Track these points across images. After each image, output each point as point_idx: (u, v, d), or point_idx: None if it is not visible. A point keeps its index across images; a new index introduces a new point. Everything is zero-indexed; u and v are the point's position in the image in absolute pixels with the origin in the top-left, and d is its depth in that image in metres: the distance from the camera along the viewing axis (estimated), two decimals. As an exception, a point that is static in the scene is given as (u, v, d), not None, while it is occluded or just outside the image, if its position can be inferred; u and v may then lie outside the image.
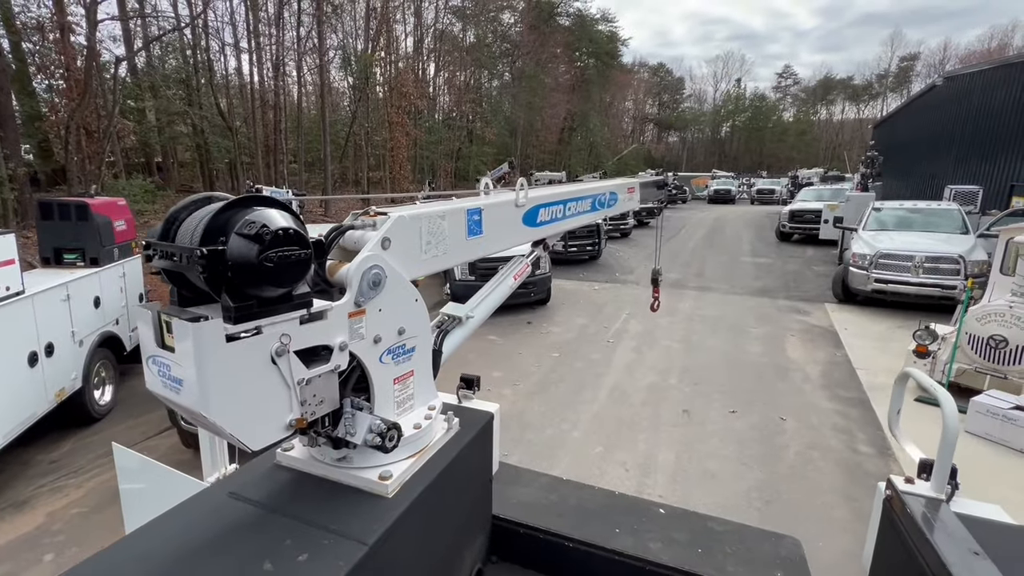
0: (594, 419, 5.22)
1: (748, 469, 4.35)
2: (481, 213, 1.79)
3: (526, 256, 2.37)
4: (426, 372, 1.56)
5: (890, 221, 10.04)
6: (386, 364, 1.38)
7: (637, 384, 6.06)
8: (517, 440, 4.80)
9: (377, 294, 1.31)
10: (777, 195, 31.61)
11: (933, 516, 1.23)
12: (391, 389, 1.41)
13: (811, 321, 8.45)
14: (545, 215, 2.29)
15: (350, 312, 1.24)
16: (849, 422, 5.11)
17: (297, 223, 1.05)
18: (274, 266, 0.95)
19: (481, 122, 35.21)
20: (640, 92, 68.58)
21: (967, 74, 17.47)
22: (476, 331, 2.04)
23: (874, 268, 8.49)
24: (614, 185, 3.19)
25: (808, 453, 4.58)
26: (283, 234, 0.96)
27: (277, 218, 0.99)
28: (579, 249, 13.10)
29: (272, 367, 1.03)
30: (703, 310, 9.17)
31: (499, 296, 2.10)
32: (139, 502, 1.70)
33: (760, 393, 5.79)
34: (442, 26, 32.48)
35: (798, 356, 6.92)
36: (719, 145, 71.31)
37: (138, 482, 1.68)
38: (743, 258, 14.36)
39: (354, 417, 1.26)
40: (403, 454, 1.40)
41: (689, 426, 5.08)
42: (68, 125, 11.72)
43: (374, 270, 1.28)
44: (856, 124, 65.32)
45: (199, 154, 21.17)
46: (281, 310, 1.03)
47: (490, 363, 6.68)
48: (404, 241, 1.45)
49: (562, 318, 8.74)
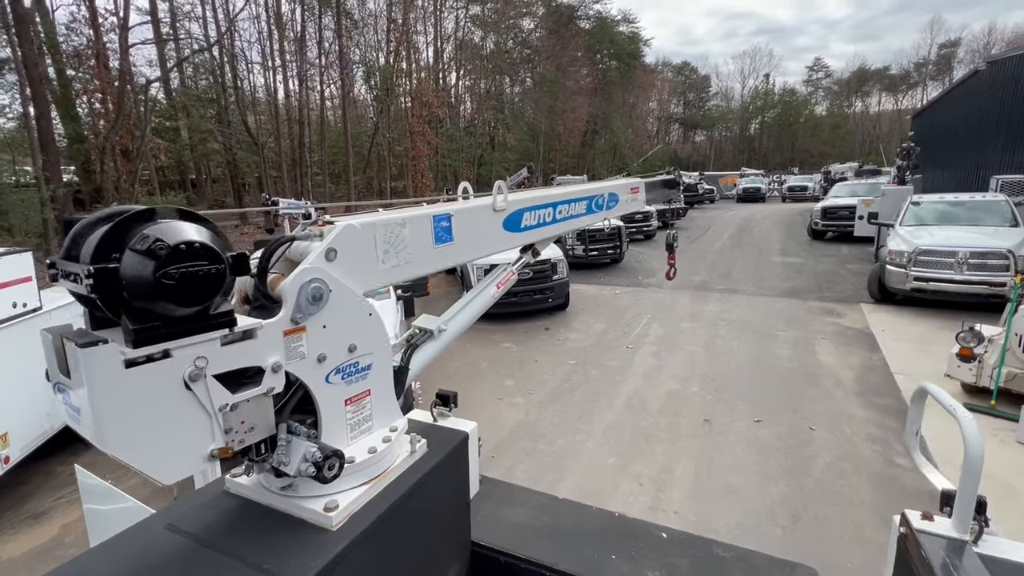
0: (609, 429, 5.03)
1: (773, 483, 4.08)
2: (451, 219, 1.68)
3: (512, 263, 2.25)
4: (386, 391, 1.45)
5: (930, 216, 9.47)
6: (334, 384, 1.28)
7: (656, 392, 5.82)
8: (528, 451, 4.65)
9: (319, 309, 1.21)
10: (810, 192, 30.55)
11: (954, 562, 1.04)
12: (342, 411, 1.31)
13: (845, 323, 8.01)
14: (530, 219, 2.16)
15: (286, 330, 1.14)
16: (885, 432, 4.77)
17: (210, 235, 0.96)
18: (176, 283, 0.86)
19: (503, 128, 35.30)
20: (664, 92, 67.63)
21: (1014, 57, 16.46)
22: (491, 339, 1.93)
23: (913, 266, 7.99)
24: (614, 186, 3.03)
25: (839, 466, 4.27)
26: (185, 248, 0.87)
27: (180, 231, 0.90)
28: (600, 252, 12.86)
29: (186, 393, 0.94)
30: (729, 313, 8.82)
31: (478, 307, 1.97)
32: (103, 525, 1.66)
33: (788, 401, 5.47)
34: (463, 34, 32.81)
35: (830, 360, 6.54)
36: (748, 142, 69.55)
37: (100, 504, 1.64)
38: (772, 258, 13.84)
39: (288, 444, 1.16)
40: (354, 482, 1.29)
41: (710, 436, 4.83)
42: (103, 146, 12.26)
43: (314, 284, 1.18)
44: (894, 115, 62.67)
45: (229, 170, 21.90)
46: (195, 331, 0.94)
47: (504, 371, 6.56)
48: (354, 251, 1.35)
49: (581, 324, 8.55)
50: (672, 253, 4.27)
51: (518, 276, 2.25)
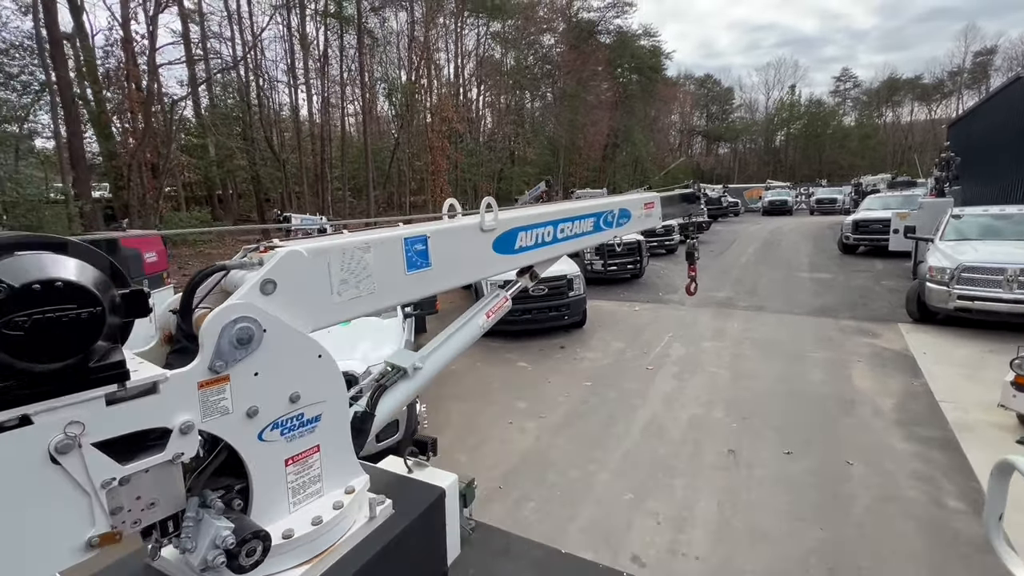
0: (625, 459, 4.70)
1: (806, 525, 3.70)
2: (427, 242, 1.46)
3: (505, 289, 2.02)
4: (341, 445, 1.22)
5: (972, 229, 8.90)
6: (271, 442, 1.06)
7: (676, 418, 5.47)
8: (537, 483, 4.36)
9: (247, 354, 0.99)
10: (839, 204, 29.64)
11: None
12: (281, 474, 1.08)
13: (881, 344, 7.50)
14: (526, 239, 1.93)
15: (202, 381, 0.92)
16: (932, 468, 4.32)
17: (92, 273, 0.76)
18: (25, 333, 0.65)
19: (523, 142, 35.37)
20: (687, 105, 67.14)
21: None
22: (504, 358, 1.71)
23: (956, 283, 7.46)
24: (625, 201, 2.79)
25: (881, 507, 3.86)
26: (40, 289, 0.66)
27: (34, 267, 0.69)
28: (619, 268, 12.54)
29: (53, 468, 0.73)
30: (754, 332, 8.39)
31: (463, 340, 1.74)
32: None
33: (821, 430, 5.06)
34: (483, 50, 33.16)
35: (867, 386, 6.08)
36: (773, 154, 68.29)
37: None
38: (801, 273, 13.27)
39: (196, 524, 0.94)
40: (291, 561, 1.06)
41: (735, 469, 4.46)
42: (130, 163, 12.59)
43: (240, 324, 0.96)
44: (928, 125, 60.78)
45: (254, 185, 22.37)
46: (65, 389, 0.74)
47: (515, 392, 6.29)
48: (300, 282, 1.13)
49: (598, 342, 8.23)
50: (693, 264, 3.96)
51: (511, 303, 2.02)
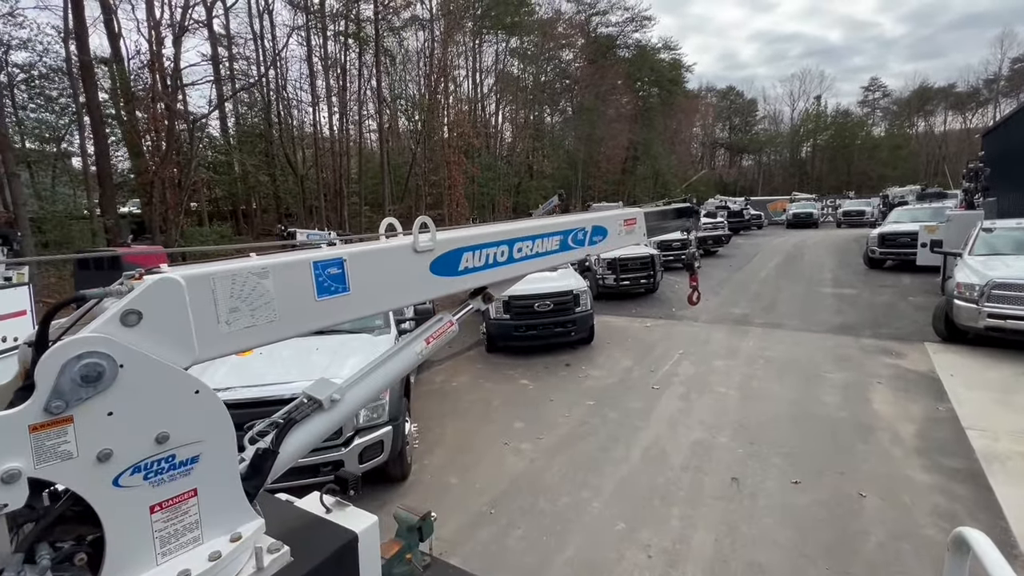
0: (621, 485, 4.48)
1: (811, 565, 3.43)
2: (343, 265, 1.36)
3: (452, 314, 1.90)
4: (226, 488, 1.11)
5: (1005, 244, 8.42)
6: (129, 488, 0.95)
7: (679, 442, 5.22)
8: (526, 510, 4.18)
9: (96, 393, 0.89)
10: (867, 216, 28.69)
11: None
12: (145, 522, 0.97)
13: (905, 365, 7.09)
14: (473, 260, 1.80)
15: (35, 424, 0.83)
16: (954, 503, 3.98)
17: None
18: None
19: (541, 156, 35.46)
20: (709, 117, 66.52)
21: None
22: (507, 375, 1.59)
23: (986, 300, 7.03)
24: (600, 217, 2.65)
25: (896, 545, 3.56)
26: None
27: None
28: (632, 282, 12.29)
29: None
30: (769, 350, 8.05)
31: (394, 370, 1.62)
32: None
33: (833, 458, 4.75)
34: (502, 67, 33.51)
35: (886, 410, 5.72)
36: (799, 166, 66.85)
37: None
38: (823, 288, 12.79)
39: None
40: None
41: (737, 499, 4.20)
42: (153, 180, 13.02)
43: (86, 361, 0.87)
44: (963, 135, 58.65)
45: (275, 201, 22.91)
46: None
47: (514, 411, 6.13)
48: (172, 312, 1.03)
49: (605, 359, 8.01)
50: (694, 274, 3.84)
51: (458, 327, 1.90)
